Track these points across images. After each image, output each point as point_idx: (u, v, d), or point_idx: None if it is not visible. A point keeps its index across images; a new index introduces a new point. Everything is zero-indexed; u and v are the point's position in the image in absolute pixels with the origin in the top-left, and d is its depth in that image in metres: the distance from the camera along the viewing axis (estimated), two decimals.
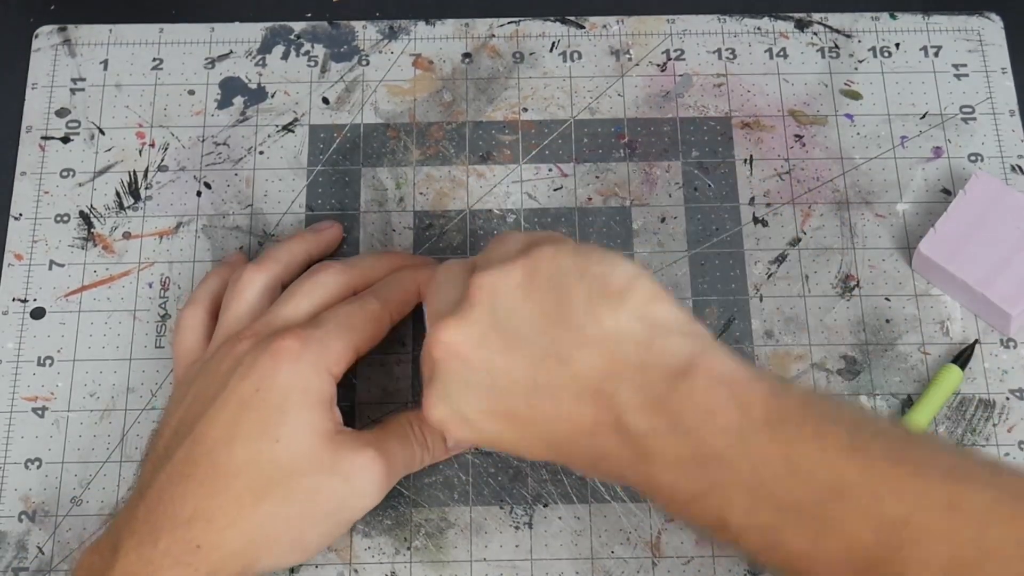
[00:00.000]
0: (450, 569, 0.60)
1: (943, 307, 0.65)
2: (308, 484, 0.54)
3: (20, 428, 0.63)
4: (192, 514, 0.52)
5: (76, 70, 0.72)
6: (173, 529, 0.52)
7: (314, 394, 0.55)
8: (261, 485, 0.53)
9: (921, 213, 0.68)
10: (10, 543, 0.61)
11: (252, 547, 0.53)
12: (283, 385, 0.54)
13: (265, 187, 0.69)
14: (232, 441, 0.54)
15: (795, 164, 0.69)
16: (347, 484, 0.55)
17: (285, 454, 0.54)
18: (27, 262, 0.67)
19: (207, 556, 0.52)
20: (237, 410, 0.54)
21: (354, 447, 0.55)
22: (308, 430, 0.54)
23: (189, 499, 0.53)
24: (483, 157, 0.70)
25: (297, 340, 0.55)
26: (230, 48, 0.73)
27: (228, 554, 0.53)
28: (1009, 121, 0.70)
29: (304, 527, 0.55)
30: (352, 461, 0.55)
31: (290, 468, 0.54)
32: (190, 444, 0.54)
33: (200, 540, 0.52)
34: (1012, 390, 0.64)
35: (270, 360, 0.55)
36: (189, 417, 0.55)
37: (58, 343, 0.65)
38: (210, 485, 0.53)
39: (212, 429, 0.54)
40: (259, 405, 0.54)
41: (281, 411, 0.54)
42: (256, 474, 0.53)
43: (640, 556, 0.60)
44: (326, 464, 0.54)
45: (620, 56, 0.72)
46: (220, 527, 0.53)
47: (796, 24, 0.73)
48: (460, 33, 0.73)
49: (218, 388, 0.55)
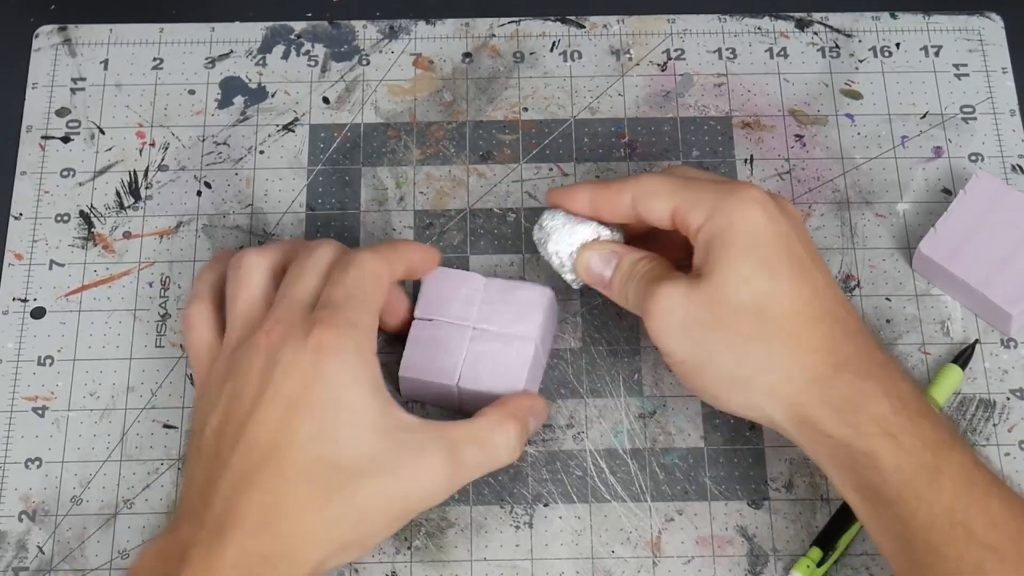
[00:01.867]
0: (450, 569, 0.60)
1: (943, 307, 0.65)
2: (371, 487, 0.53)
3: (20, 428, 0.63)
4: (258, 523, 0.51)
5: (76, 70, 0.72)
6: (241, 540, 0.51)
7: (366, 384, 0.53)
8: (325, 490, 0.52)
9: (921, 213, 0.68)
10: (10, 543, 0.61)
11: (320, 552, 0.52)
12: (332, 380, 0.53)
13: (265, 187, 0.69)
14: (290, 445, 0.52)
15: (795, 164, 0.69)
16: (410, 486, 0.54)
17: (347, 456, 0.52)
18: (27, 262, 0.67)
19: (274, 565, 0.51)
20: (288, 411, 0.52)
21: (419, 451, 0.54)
22: (368, 428, 0.53)
23: (255, 507, 0.51)
24: (483, 156, 0.70)
25: (333, 329, 0.53)
26: (230, 48, 0.73)
27: (296, 561, 0.51)
28: (1009, 121, 0.70)
29: (368, 528, 0.54)
30: (415, 466, 0.53)
31: (353, 470, 0.52)
32: (246, 449, 0.52)
33: (267, 550, 0.51)
34: (1013, 390, 0.64)
35: (313, 355, 0.53)
36: (234, 419, 0.53)
37: (58, 343, 0.65)
38: (275, 492, 0.51)
39: (265, 432, 0.52)
40: (312, 405, 0.52)
41: (336, 410, 0.52)
42: (319, 478, 0.52)
43: (640, 556, 0.60)
44: (388, 466, 0.53)
45: (620, 56, 0.72)
46: (286, 535, 0.51)
47: (796, 24, 0.73)
48: (460, 33, 0.73)
49: (259, 387, 0.53)
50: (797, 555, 0.60)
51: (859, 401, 0.53)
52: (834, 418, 0.53)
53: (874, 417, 0.52)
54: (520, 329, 0.60)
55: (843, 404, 0.53)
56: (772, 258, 0.54)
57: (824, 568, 0.59)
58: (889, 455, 0.52)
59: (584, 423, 0.63)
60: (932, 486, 0.51)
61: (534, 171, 0.69)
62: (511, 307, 0.61)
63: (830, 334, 0.54)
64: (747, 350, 0.54)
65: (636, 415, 0.63)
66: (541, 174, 0.69)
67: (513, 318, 0.61)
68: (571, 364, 0.64)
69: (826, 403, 0.53)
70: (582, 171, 0.69)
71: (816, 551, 0.59)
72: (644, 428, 0.63)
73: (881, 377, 0.53)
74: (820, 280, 0.55)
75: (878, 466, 0.52)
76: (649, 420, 0.63)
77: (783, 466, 0.62)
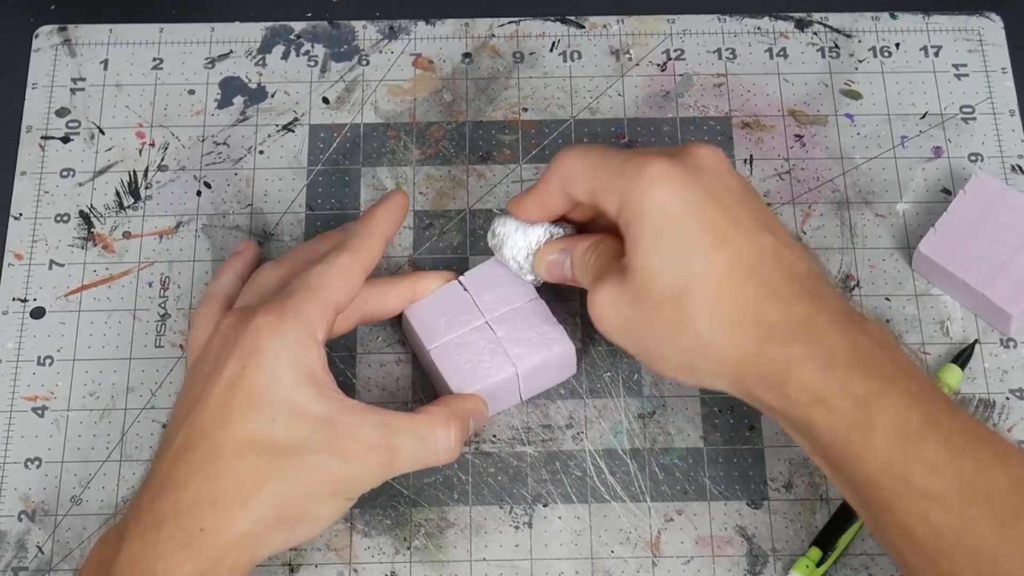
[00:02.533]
0: (450, 569, 0.60)
1: (943, 307, 0.65)
2: (310, 463, 0.53)
3: (20, 427, 0.63)
4: (195, 498, 0.52)
5: (76, 70, 0.72)
6: (177, 515, 0.52)
7: (303, 366, 0.54)
8: (263, 465, 0.53)
9: (921, 213, 0.68)
10: (10, 542, 0.61)
11: (259, 527, 0.53)
12: (270, 361, 0.53)
13: (265, 187, 0.69)
14: (228, 423, 0.53)
15: (795, 164, 0.69)
16: (348, 465, 0.54)
17: (284, 433, 0.53)
18: (27, 262, 0.67)
19: (212, 539, 0.51)
20: (227, 390, 0.53)
21: (358, 433, 0.54)
22: (304, 407, 0.54)
23: (191, 484, 0.52)
24: (483, 157, 0.70)
25: (272, 314, 0.54)
26: (230, 48, 0.73)
27: (235, 536, 0.52)
28: (1009, 121, 0.70)
29: (310, 504, 0.54)
30: (353, 445, 0.54)
31: (290, 446, 0.53)
32: (187, 428, 0.53)
33: (204, 523, 0.52)
34: (1012, 390, 0.64)
35: (252, 336, 0.54)
36: (187, 403, 0.55)
37: (58, 343, 0.65)
38: (211, 468, 0.52)
39: (205, 412, 0.53)
40: (249, 383, 0.53)
41: (273, 389, 0.53)
42: (257, 454, 0.53)
43: (640, 556, 0.60)
44: (326, 444, 0.54)
45: (620, 56, 0.72)
46: (224, 509, 0.52)
47: (796, 24, 0.73)
48: (460, 33, 0.73)
49: (208, 372, 0.55)
50: (796, 555, 0.60)
51: (785, 372, 0.51)
52: (769, 392, 0.52)
53: (801, 385, 0.51)
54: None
55: (773, 377, 0.52)
56: (682, 237, 0.53)
57: (823, 568, 0.59)
58: (823, 421, 0.51)
59: (584, 423, 0.63)
60: (867, 444, 0.50)
61: (534, 171, 0.69)
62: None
63: (752, 301, 0.52)
64: (679, 339, 0.53)
65: (635, 415, 0.63)
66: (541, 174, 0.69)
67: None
68: None
69: (759, 378, 0.52)
70: None
71: (815, 551, 0.59)
72: (643, 428, 0.63)
73: (807, 337, 0.51)
74: (740, 238, 0.53)
75: (816, 433, 0.51)
76: (648, 420, 0.63)
77: (782, 466, 0.62)
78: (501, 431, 0.63)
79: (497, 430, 0.63)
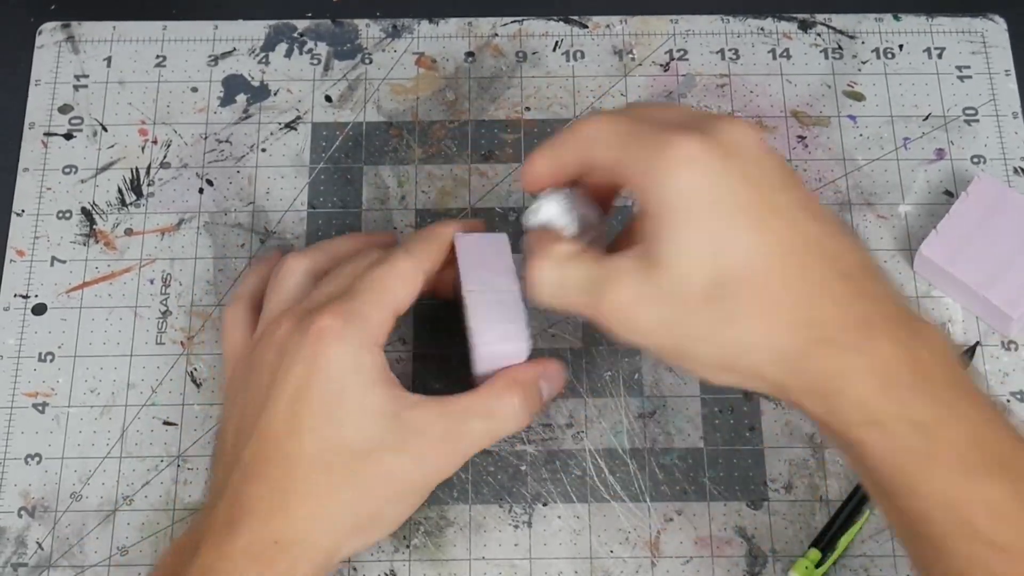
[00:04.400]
0: (449, 568, 0.60)
1: (944, 309, 0.65)
2: (381, 466, 0.53)
3: (20, 424, 0.63)
4: (269, 510, 0.52)
5: (79, 67, 0.72)
6: (251, 526, 0.51)
7: (367, 371, 0.53)
8: (337, 474, 0.52)
9: (923, 215, 0.68)
10: (9, 538, 0.61)
11: (334, 535, 0.53)
12: (334, 368, 0.53)
13: (267, 185, 0.69)
14: (297, 433, 0.53)
15: (797, 165, 0.69)
16: (420, 462, 0.54)
17: (353, 438, 0.53)
18: (29, 258, 0.67)
19: (287, 550, 0.51)
20: (293, 400, 0.53)
21: (423, 426, 0.54)
22: (371, 411, 0.53)
23: (265, 496, 0.52)
24: (485, 156, 0.70)
25: (337, 318, 0.53)
26: (233, 46, 0.73)
27: (310, 546, 0.52)
28: (1012, 123, 0.70)
29: (383, 507, 0.54)
30: (421, 440, 0.54)
31: (360, 452, 0.53)
32: (256, 442, 0.53)
33: (279, 535, 0.51)
34: (1013, 392, 0.63)
35: (314, 343, 0.53)
36: (249, 414, 0.54)
37: (59, 339, 0.65)
38: (285, 480, 0.52)
39: (274, 422, 0.53)
40: (315, 392, 0.53)
41: (339, 395, 0.53)
42: (328, 463, 0.52)
43: (639, 556, 0.60)
44: (395, 444, 0.53)
45: (623, 56, 0.72)
46: (299, 519, 0.52)
47: (799, 25, 0.73)
48: (463, 32, 0.73)
49: (269, 380, 0.54)
50: (796, 556, 0.60)
51: (838, 384, 0.46)
52: (817, 404, 0.47)
53: (856, 402, 0.46)
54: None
55: (823, 386, 0.47)
56: (718, 226, 0.47)
57: (823, 569, 0.58)
58: (876, 443, 0.46)
59: (584, 423, 0.63)
60: (925, 476, 0.45)
61: None
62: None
63: (802, 297, 0.47)
64: (718, 338, 0.48)
65: (636, 415, 0.63)
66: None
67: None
68: (571, 364, 0.64)
69: (807, 387, 0.47)
70: None
71: (815, 552, 0.59)
72: (644, 428, 0.63)
73: (864, 346, 0.46)
74: (783, 227, 0.48)
75: (867, 454, 0.46)
76: (649, 420, 0.63)
77: (782, 467, 0.62)
78: None
79: None
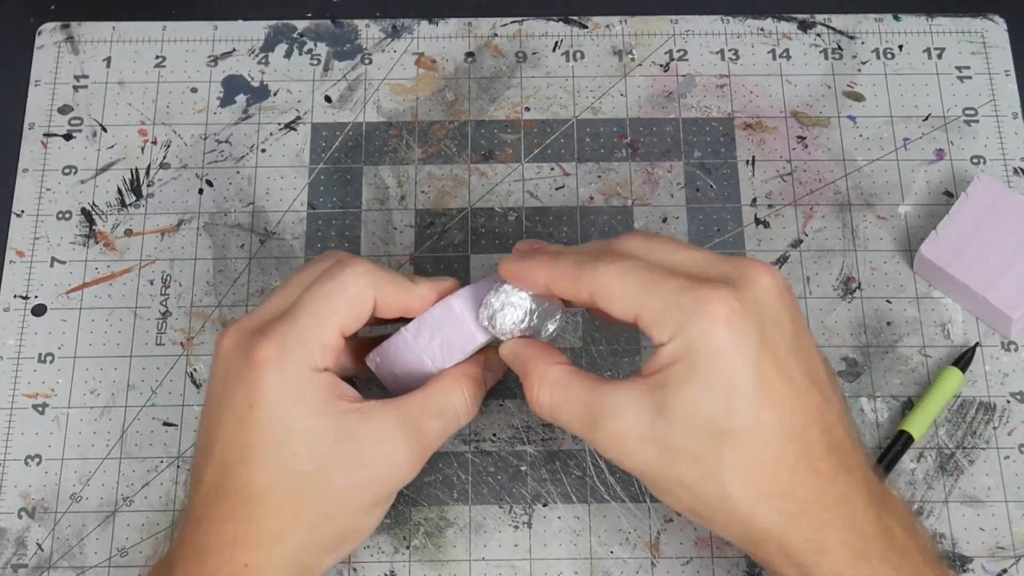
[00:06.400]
0: (449, 568, 0.60)
1: (944, 310, 0.65)
2: (341, 483, 0.53)
3: (20, 424, 0.63)
4: (234, 535, 0.51)
5: (79, 67, 0.72)
6: (219, 550, 0.51)
7: (310, 397, 0.52)
8: (294, 498, 0.52)
9: (923, 215, 0.68)
10: (9, 539, 0.61)
11: (303, 555, 0.52)
12: (274, 400, 0.52)
13: (267, 185, 0.69)
14: (247, 462, 0.52)
15: (797, 165, 0.69)
16: (380, 471, 0.54)
17: (308, 464, 0.52)
18: (28, 259, 0.67)
19: (256, 573, 0.51)
20: (240, 429, 0.52)
21: (378, 435, 0.53)
22: (321, 435, 0.52)
23: (228, 522, 0.52)
24: (485, 156, 0.70)
25: (274, 345, 0.52)
26: (233, 46, 0.73)
27: (280, 568, 0.52)
28: (1012, 123, 0.70)
29: (351, 521, 0.54)
30: (379, 451, 0.53)
31: (316, 475, 0.52)
32: (213, 467, 0.53)
33: (248, 559, 0.51)
34: (1013, 393, 0.63)
35: (255, 371, 0.52)
36: (205, 433, 0.54)
37: (59, 340, 0.65)
38: (244, 507, 0.52)
39: (227, 451, 0.52)
40: (259, 423, 0.52)
41: (284, 424, 0.52)
42: (286, 489, 0.52)
43: (639, 556, 0.60)
44: (354, 459, 0.53)
45: (623, 56, 0.72)
46: (266, 545, 0.52)
47: (799, 25, 0.73)
48: (463, 32, 0.73)
49: (219, 398, 0.53)
50: None
51: (815, 556, 0.49)
52: (791, 570, 0.50)
53: (831, 573, 0.49)
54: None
55: (800, 558, 0.49)
56: (734, 389, 0.49)
57: None
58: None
59: None
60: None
61: (536, 171, 0.69)
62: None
63: (789, 472, 0.49)
64: (703, 491, 0.50)
65: None
66: (543, 174, 0.69)
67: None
68: None
69: (783, 554, 0.50)
70: (583, 171, 0.69)
71: None
72: None
73: (842, 522, 0.49)
74: (790, 399, 0.50)
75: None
76: None
77: None
78: (501, 430, 0.63)
79: (497, 429, 0.63)
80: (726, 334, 0.49)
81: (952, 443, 0.62)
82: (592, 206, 0.68)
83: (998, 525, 0.61)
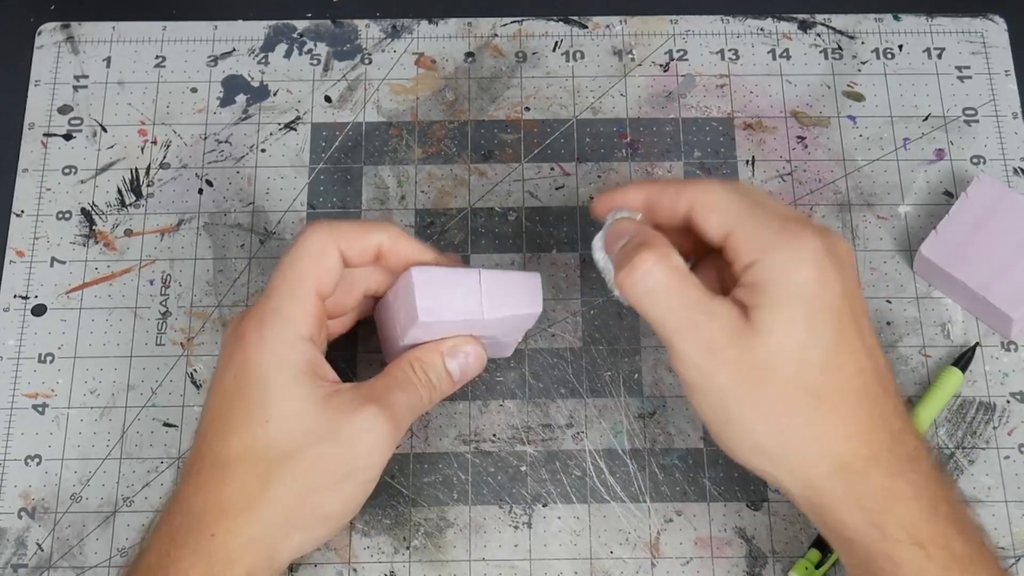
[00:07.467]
0: (449, 569, 0.60)
1: (944, 310, 0.65)
2: (311, 457, 0.54)
3: (20, 425, 0.63)
4: (203, 506, 0.53)
5: (79, 67, 0.72)
6: (188, 522, 0.53)
7: (290, 368, 0.54)
8: (264, 469, 0.53)
9: (923, 215, 0.68)
10: (9, 539, 0.61)
11: (271, 529, 0.53)
12: (257, 368, 0.54)
13: (267, 185, 0.69)
14: (225, 432, 0.54)
15: (797, 165, 0.69)
16: (352, 448, 0.54)
17: (279, 434, 0.54)
18: (28, 259, 0.67)
19: (223, 544, 0.52)
20: (222, 401, 0.55)
21: (351, 408, 0.54)
22: (296, 406, 0.54)
23: (200, 493, 0.53)
24: (485, 156, 0.70)
25: (254, 320, 0.55)
26: (233, 46, 0.73)
27: (246, 540, 0.53)
28: (1012, 124, 0.70)
29: (320, 500, 0.55)
30: (352, 424, 0.54)
31: (288, 448, 0.54)
32: (196, 441, 0.55)
33: (214, 529, 0.52)
34: (1013, 393, 0.63)
35: (239, 347, 0.55)
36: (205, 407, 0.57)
37: (59, 340, 0.65)
38: (216, 477, 0.53)
39: (206, 425, 0.55)
40: (240, 392, 0.54)
41: (263, 395, 0.54)
42: (256, 459, 0.53)
43: (639, 556, 0.60)
44: (324, 433, 0.54)
45: (623, 56, 0.72)
46: (233, 515, 0.53)
47: (799, 25, 0.73)
48: (463, 32, 0.73)
49: (213, 382, 0.56)
50: (796, 557, 0.60)
51: (887, 503, 0.50)
52: (858, 515, 0.50)
53: (903, 522, 0.49)
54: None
55: (871, 502, 0.50)
56: (818, 327, 0.50)
57: (823, 570, 0.58)
58: (915, 563, 0.49)
59: (584, 423, 0.63)
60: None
61: (535, 171, 0.69)
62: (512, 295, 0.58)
63: (867, 419, 0.51)
64: (780, 424, 0.51)
65: (636, 415, 0.63)
66: (542, 174, 0.69)
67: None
68: (571, 364, 0.64)
69: (851, 498, 0.50)
70: (583, 171, 0.69)
71: (815, 553, 0.59)
72: (644, 428, 0.63)
73: (913, 475, 0.50)
74: (863, 352, 0.51)
75: (900, 572, 0.49)
76: (649, 420, 0.63)
77: None
78: (501, 431, 0.63)
79: (497, 429, 0.63)
80: (815, 271, 0.50)
81: (952, 443, 0.62)
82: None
83: (998, 525, 0.61)
